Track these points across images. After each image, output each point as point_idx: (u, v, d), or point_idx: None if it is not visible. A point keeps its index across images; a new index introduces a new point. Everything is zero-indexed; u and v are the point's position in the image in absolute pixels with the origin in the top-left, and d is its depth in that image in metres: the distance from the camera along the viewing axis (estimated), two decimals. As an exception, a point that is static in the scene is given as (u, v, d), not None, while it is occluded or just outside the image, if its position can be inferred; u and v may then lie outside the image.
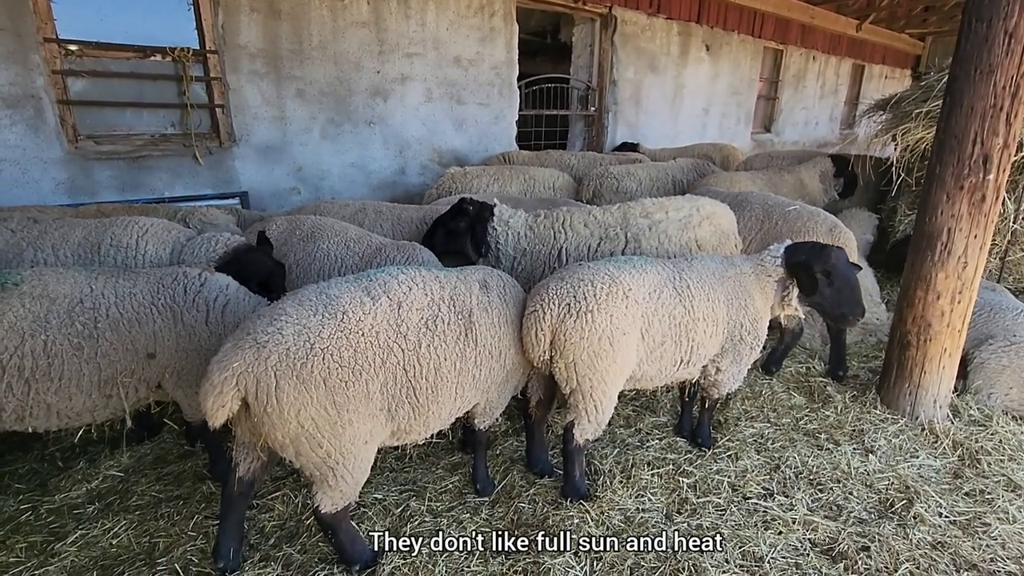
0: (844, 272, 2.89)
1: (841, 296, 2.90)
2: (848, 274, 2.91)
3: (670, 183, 6.07)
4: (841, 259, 2.90)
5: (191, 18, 5.17)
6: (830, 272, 2.86)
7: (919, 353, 3.50)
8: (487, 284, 2.59)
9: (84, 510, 2.79)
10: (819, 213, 4.04)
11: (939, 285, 3.37)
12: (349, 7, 5.91)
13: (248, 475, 2.31)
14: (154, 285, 2.55)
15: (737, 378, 3.11)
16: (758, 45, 11.56)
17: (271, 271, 3.18)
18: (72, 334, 2.33)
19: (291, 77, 5.71)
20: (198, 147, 5.29)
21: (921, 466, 3.14)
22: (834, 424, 3.51)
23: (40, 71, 4.46)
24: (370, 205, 4.27)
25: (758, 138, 12.60)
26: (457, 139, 7.20)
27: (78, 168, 4.76)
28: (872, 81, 16.09)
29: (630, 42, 8.96)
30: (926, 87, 5.33)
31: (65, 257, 3.02)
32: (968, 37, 3.08)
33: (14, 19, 4.28)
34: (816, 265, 2.85)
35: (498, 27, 7.21)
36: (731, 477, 3.01)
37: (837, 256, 2.89)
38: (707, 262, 2.99)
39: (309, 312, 2.09)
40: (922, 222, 3.43)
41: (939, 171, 3.29)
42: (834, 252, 2.90)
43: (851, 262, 3.07)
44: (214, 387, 1.94)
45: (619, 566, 2.42)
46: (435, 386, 2.32)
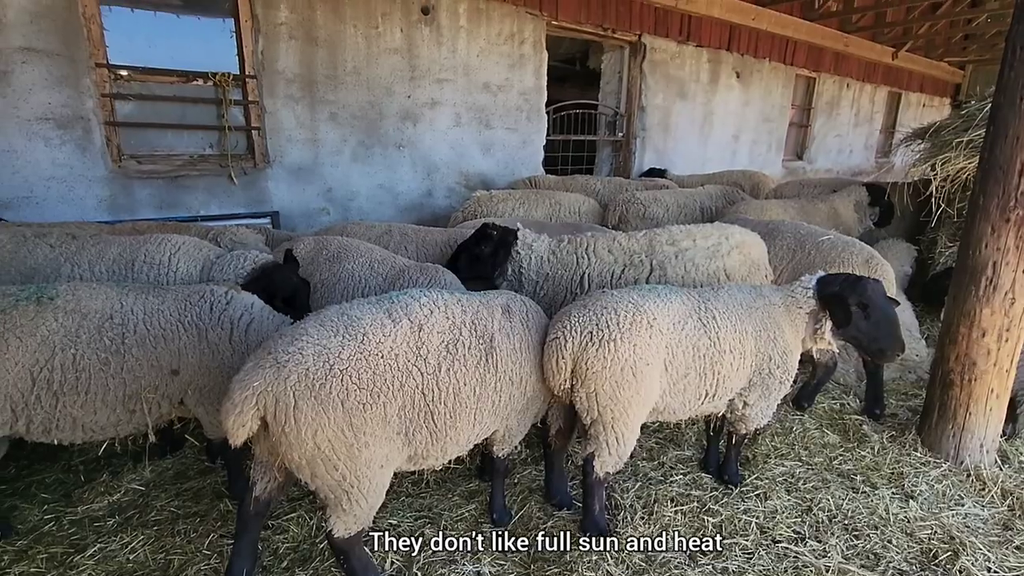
0: (881, 305, 2.76)
1: (879, 330, 2.76)
2: (886, 307, 2.78)
3: (698, 210, 5.99)
4: (878, 291, 2.78)
5: (233, 45, 5.40)
6: (866, 305, 2.72)
7: (963, 393, 3.31)
8: (510, 309, 2.55)
9: (104, 523, 2.82)
10: (854, 243, 3.90)
11: (984, 322, 3.20)
12: (383, 35, 6.09)
13: (265, 495, 2.30)
14: (181, 302, 2.59)
15: (766, 414, 2.98)
16: (790, 72, 11.47)
17: (296, 288, 3.22)
18: (100, 349, 2.38)
19: (325, 101, 5.88)
20: (234, 167, 5.47)
21: (967, 515, 2.93)
22: (871, 465, 3.33)
23: (90, 94, 4.69)
24: (395, 227, 4.31)
25: (790, 165, 12.41)
26: (484, 163, 7.28)
27: (120, 186, 4.96)
28: (909, 109, 15.75)
29: (659, 69, 8.99)
30: (967, 116, 5.17)
31: (100, 273, 3.11)
32: (1012, 65, 2.97)
33: (69, 46, 4.53)
34: (851, 297, 2.72)
35: (528, 54, 7.33)
36: (759, 518, 2.87)
37: (873, 288, 2.76)
38: (734, 292, 2.90)
39: (330, 333, 2.09)
40: (965, 255, 3.28)
41: (983, 202, 3.16)
42: (870, 284, 2.77)
43: (888, 296, 2.93)
44: (235, 406, 1.95)
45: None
46: (454, 411, 2.28)
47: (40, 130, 4.54)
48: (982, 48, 14.83)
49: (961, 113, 5.33)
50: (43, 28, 4.41)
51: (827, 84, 12.57)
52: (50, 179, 4.65)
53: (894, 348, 2.80)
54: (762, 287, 3.03)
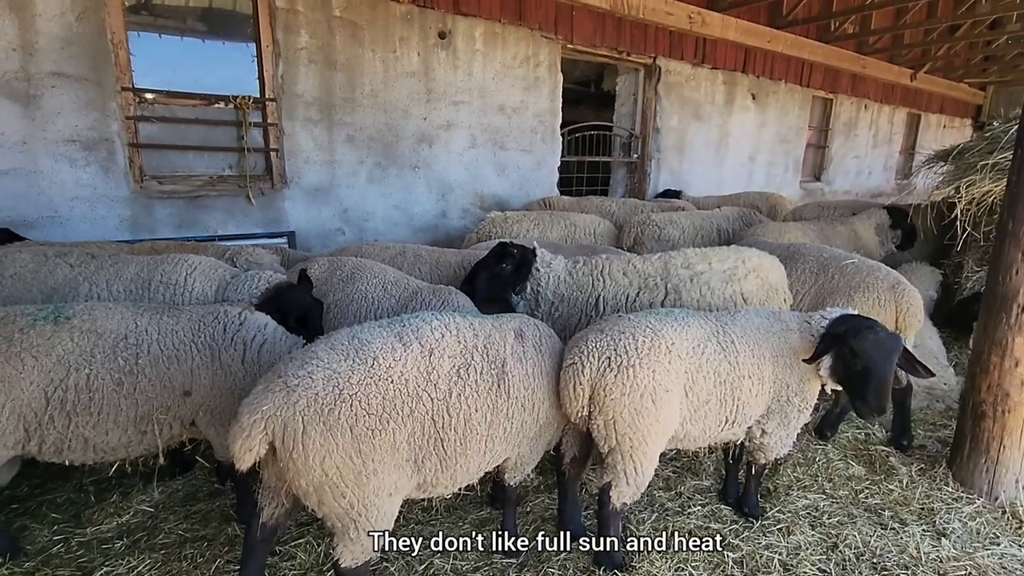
0: (876, 360, 2.50)
1: (862, 385, 2.54)
2: (881, 365, 2.50)
3: (714, 232, 5.92)
4: (880, 346, 2.51)
5: (254, 69, 5.52)
6: (857, 353, 2.52)
7: (996, 425, 3.17)
8: (523, 333, 2.51)
9: (112, 545, 2.79)
10: (880, 268, 3.79)
11: (1017, 351, 3.08)
12: (400, 58, 6.19)
13: (272, 521, 2.26)
14: (196, 323, 2.60)
15: (785, 443, 2.88)
16: (806, 94, 11.43)
17: (309, 308, 3.21)
18: (114, 369, 2.38)
19: (342, 123, 5.97)
20: (252, 188, 5.55)
21: (1003, 555, 2.78)
22: (899, 500, 3.19)
23: (115, 117, 4.81)
24: (410, 248, 4.31)
25: (808, 187, 12.29)
26: (499, 184, 7.31)
27: (141, 206, 5.05)
28: (929, 131, 15.57)
29: (674, 91, 9.02)
30: (991, 138, 5.07)
31: (118, 292, 3.14)
32: (1040, 88, 2.91)
33: (97, 71, 4.67)
34: (849, 341, 2.54)
35: (543, 77, 7.40)
36: (782, 555, 2.75)
37: (876, 341, 2.51)
38: (752, 316, 2.83)
39: (340, 357, 2.06)
40: (995, 282, 3.17)
41: (1012, 227, 3.06)
42: (873, 335, 2.51)
43: (911, 360, 2.70)
44: (243, 429, 1.93)
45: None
46: (464, 438, 2.23)
47: (66, 152, 4.66)
48: (1003, 69, 14.67)
49: (985, 135, 5.24)
50: (73, 54, 4.56)
51: (844, 105, 12.50)
52: (74, 199, 4.75)
53: (872, 408, 2.54)
54: (781, 312, 2.94)
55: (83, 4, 4.54)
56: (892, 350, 2.53)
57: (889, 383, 2.55)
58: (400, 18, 6.12)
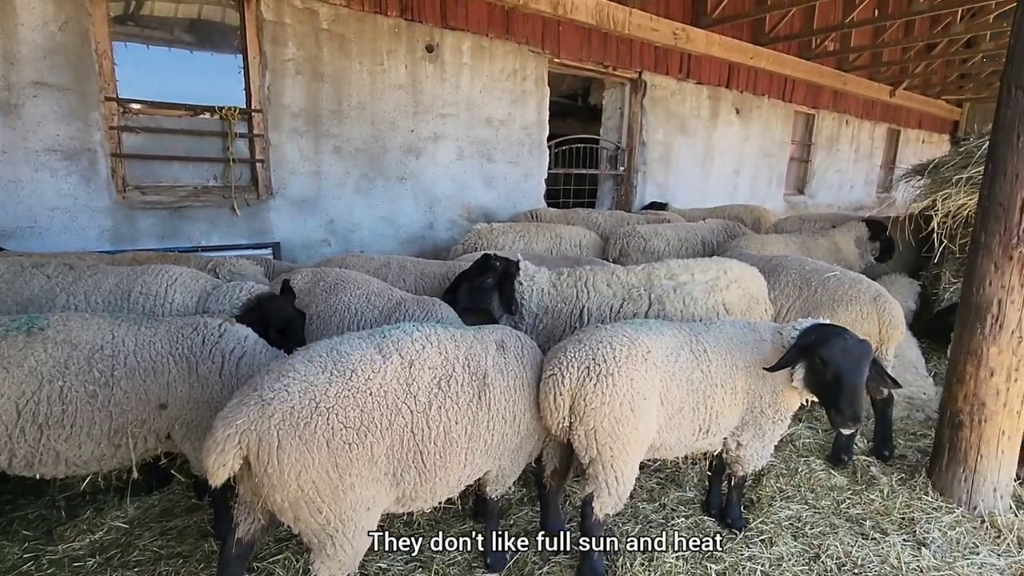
0: (846, 367, 2.46)
1: (834, 393, 2.49)
2: (851, 372, 2.47)
3: (699, 244, 5.98)
4: (849, 353, 2.48)
5: (241, 80, 5.52)
6: (827, 362, 2.48)
7: (973, 435, 3.21)
8: (504, 344, 2.51)
9: (85, 563, 2.72)
10: (861, 280, 3.84)
11: (992, 361, 3.13)
12: (388, 71, 6.23)
13: (248, 537, 2.21)
14: (174, 334, 2.56)
15: (762, 455, 2.88)
16: (789, 109, 11.66)
17: (291, 319, 3.19)
18: (88, 381, 2.34)
19: (329, 135, 5.98)
20: (236, 199, 5.52)
21: (983, 565, 2.80)
22: (880, 510, 3.21)
23: (98, 127, 4.78)
24: (394, 260, 4.30)
25: (791, 200, 12.49)
26: (486, 196, 7.34)
27: (123, 216, 5.00)
28: (909, 145, 15.93)
29: (660, 105, 9.15)
30: (966, 153, 5.20)
31: (96, 303, 3.09)
32: (1008, 104, 2.99)
33: (80, 80, 4.64)
34: (818, 350, 2.51)
35: (530, 90, 7.48)
36: (765, 566, 2.74)
37: (844, 348, 2.48)
38: (726, 327, 2.84)
39: (317, 369, 2.04)
40: (969, 293, 3.23)
41: (985, 240, 3.13)
42: (841, 343, 2.49)
43: (880, 372, 2.67)
44: (216, 444, 1.89)
45: (638, 665, 2.18)
46: (444, 451, 2.21)
47: (47, 161, 4.61)
48: (978, 87, 15.09)
49: (960, 150, 5.37)
50: (55, 63, 4.53)
51: (826, 121, 12.76)
52: (54, 209, 4.69)
53: (847, 417, 2.48)
54: (756, 324, 2.95)
55: (67, 14, 4.52)
56: (862, 357, 2.50)
57: (861, 390, 2.51)
58: (388, 31, 6.16)
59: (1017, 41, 2.95)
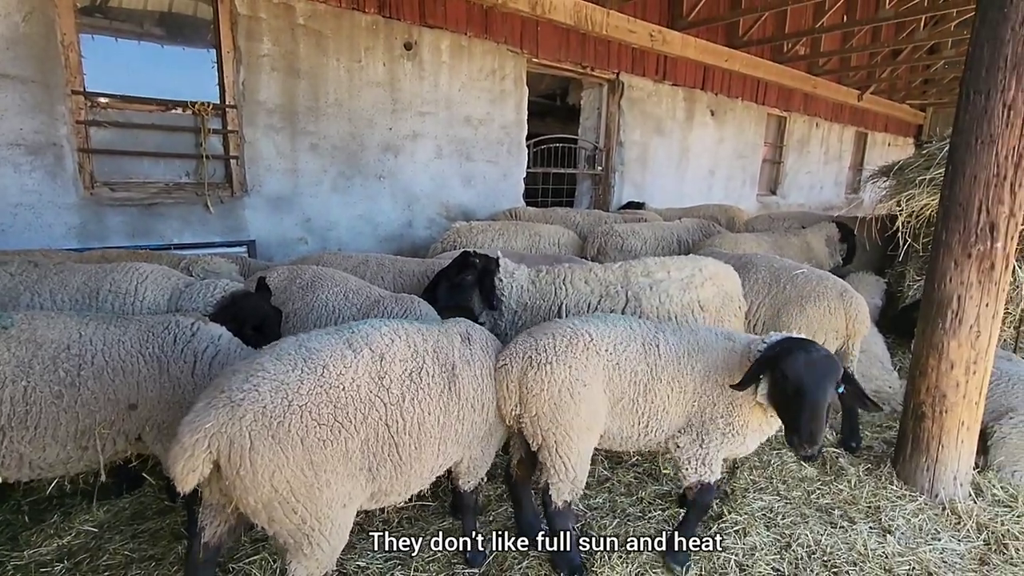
0: (809, 382, 2.31)
1: (796, 411, 2.34)
2: (813, 388, 2.31)
3: (675, 243, 6.08)
4: (813, 368, 2.34)
5: (214, 75, 5.41)
6: (788, 377, 2.34)
7: (935, 426, 3.34)
8: (469, 337, 2.56)
9: (52, 568, 2.64)
10: (828, 277, 3.97)
11: (952, 354, 3.26)
12: (366, 68, 6.18)
13: (215, 540, 2.18)
14: (144, 333, 2.51)
15: (703, 464, 2.67)
16: (762, 111, 11.91)
17: (266, 316, 3.15)
18: (54, 381, 2.27)
19: (306, 132, 5.90)
20: (210, 196, 5.41)
21: (944, 550, 2.92)
22: (848, 500, 3.31)
23: (64, 121, 4.64)
24: (372, 258, 4.28)
25: (764, 200, 12.76)
26: (465, 195, 7.33)
27: (91, 213, 4.86)
28: (876, 148, 16.42)
29: (637, 106, 9.26)
30: (928, 155, 5.39)
31: (63, 302, 3.00)
32: (967, 109, 3.12)
33: (45, 72, 4.50)
34: (780, 362, 2.37)
35: (508, 90, 7.49)
36: (739, 555, 2.81)
37: (808, 362, 2.34)
38: (699, 331, 2.81)
39: (288, 367, 2.01)
40: (931, 289, 3.36)
41: (945, 238, 3.25)
42: (806, 356, 2.35)
43: (858, 393, 2.55)
44: (185, 450, 1.84)
45: (615, 655, 2.21)
46: (419, 442, 2.22)
47: (9, 156, 4.45)
48: (941, 92, 15.64)
49: (923, 152, 5.57)
50: (19, 55, 4.38)
51: (798, 123, 13.07)
52: (17, 205, 4.54)
53: (802, 439, 2.32)
54: (736, 334, 2.88)
55: (31, 4, 4.38)
56: (827, 373, 2.34)
57: (822, 409, 2.32)
58: (365, 28, 6.11)
59: (975, 48, 3.07)
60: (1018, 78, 2.93)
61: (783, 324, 3.84)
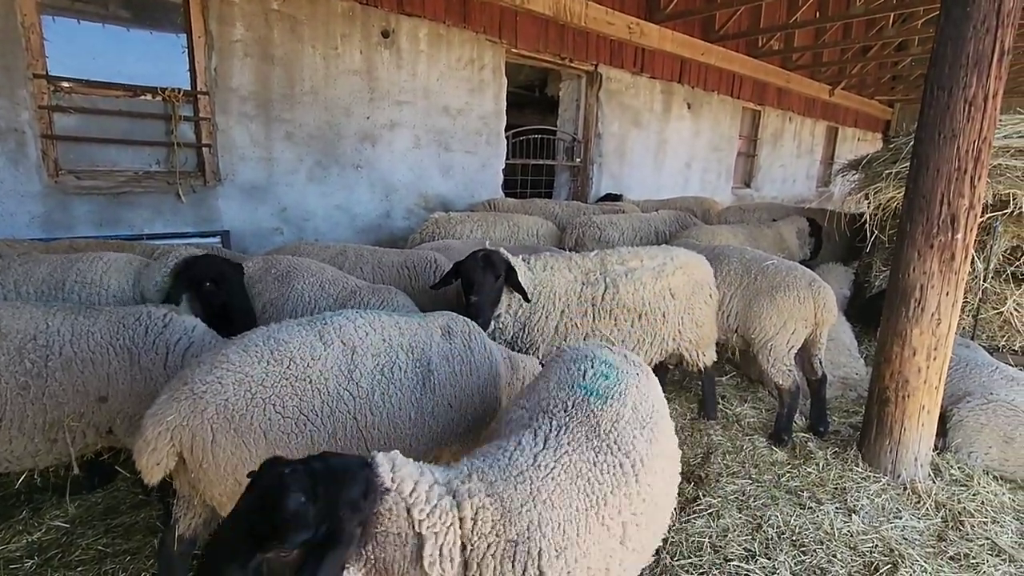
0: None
1: None
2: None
3: (652, 234, 6.16)
4: None
5: (184, 60, 5.27)
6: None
7: (898, 410, 3.47)
8: (450, 331, 2.49)
9: (22, 564, 2.59)
10: (797, 267, 4.07)
11: (915, 341, 3.39)
12: (342, 55, 6.08)
13: (190, 532, 2.15)
14: (115, 324, 2.45)
15: None
16: (737, 105, 12.08)
17: (223, 271, 3.13)
18: (19, 372, 2.22)
19: (281, 120, 5.79)
20: (182, 185, 5.28)
21: (905, 527, 3.05)
22: (816, 482, 3.44)
23: (26, 106, 4.46)
24: (351, 248, 4.24)
25: (739, 192, 12.98)
26: (444, 185, 7.29)
27: (56, 202, 4.70)
28: (846, 143, 16.82)
29: (615, 98, 9.31)
30: (894, 149, 5.55)
31: (28, 294, 2.91)
32: (931, 104, 3.22)
33: (5, 56, 4.32)
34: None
35: (487, 80, 7.46)
36: (712, 537, 2.90)
37: None
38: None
39: (253, 359, 1.98)
40: (895, 278, 3.48)
41: (909, 229, 3.37)
42: None
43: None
44: (148, 443, 1.82)
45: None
46: (388, 437, 2.19)
47: (-33, 142, 4.28)
48: (908, 88, 16.08)
49: (890, 147, 5.73)
50: (-24, 36, 4.20)
51: (771, 117, 13.30)
52: (-23, 194, 4.37)
53: None
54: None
55: (-12, -17, 4.19)
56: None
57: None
58: (342, 15, 6.01)
59: (939, 45, 3.17)
60: (979, 75, 3.04)
61: (754, 314, 3.94)
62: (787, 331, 3.87)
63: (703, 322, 3.82)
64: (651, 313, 3.56)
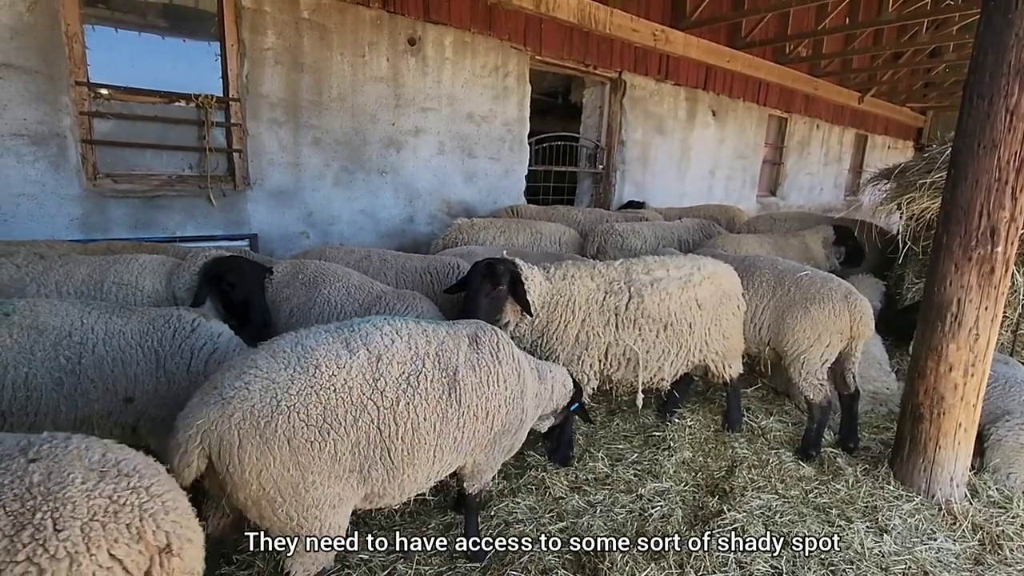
0: None
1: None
2: None
3: (675, 242, 6.09)
4: None
5: (217, 68, 5.40)
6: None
7: (933, 427, 3.36)
8: (478, 340, 2.46)
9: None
10: (832, 279, 3.94)
11: (951, 357, 3.28)
12: (369, 63, 6.17)
13: (218, 532, 2.19)
14: (145, 326, 2.51)
15: None
16: (763, 112, 11.92)
17: (245, 272, 3.23)
18: (55, 368, 2.28)
19: (308, 126, 5.90)
20: (213, 189, 5.41)
21: (939, 549, 2.94)
22: (845, 499, 3.34)
23: (68, 111, 4.62)
24: (375, 252, 4.28)
25: (764, 201, 12.78)
26: (467, 191, 7.34)
27: (93, 205, 4.85)
28: (875, 151, 16.45)
29: (639, 105, 9.26)
30: (929, 158, 5.40)
31: (68, 294, 3.02)
32: (970, 113, 3.13)
33: (49, 63, 4.49)
34: None
35: (511, 87, 7.49)
36: (737, 553, 2.83)
37: None
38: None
39: (280, 365, 2.00)
40: (931, 292, 3.38)
41: (946, 241, 3.27)
42: None
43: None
44: (179, 445, 1.87)
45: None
46: (412, 447, 2.18)
47: (13, 146, 4.44)
48: (941, 95, 15.67)
49: (924, 156, 5.57)
50: (23, 45, 4.37)
51: (798, 124, 13.09)
52: (20, 196, 4.53)
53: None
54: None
55: (35, -6, 4.36)
56: None
57: None
58: (370, 23, 6.10)
59: (979, 53, 3.08)
60: (1021, 83, 2.94)
61: (787, 326, 3.84)
62: (821, 344, 3.77)
63: (730, 334, 3.75)
64: (677, 324, 3.51)
